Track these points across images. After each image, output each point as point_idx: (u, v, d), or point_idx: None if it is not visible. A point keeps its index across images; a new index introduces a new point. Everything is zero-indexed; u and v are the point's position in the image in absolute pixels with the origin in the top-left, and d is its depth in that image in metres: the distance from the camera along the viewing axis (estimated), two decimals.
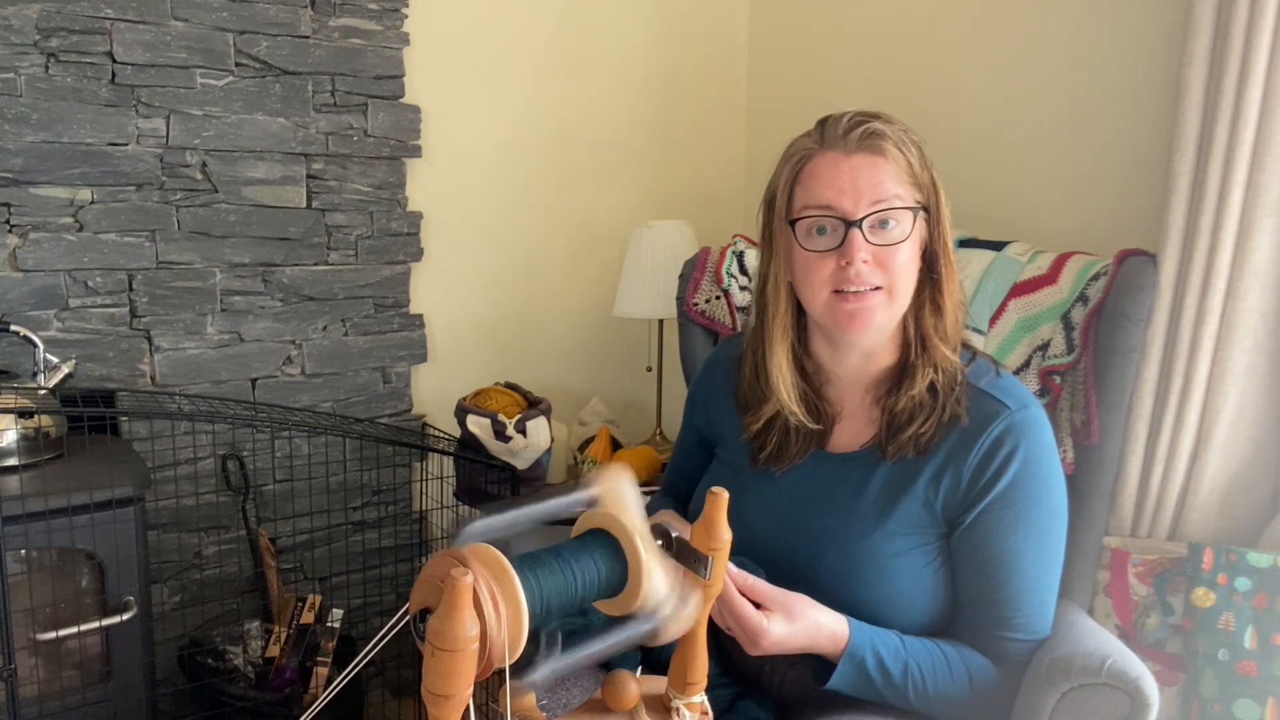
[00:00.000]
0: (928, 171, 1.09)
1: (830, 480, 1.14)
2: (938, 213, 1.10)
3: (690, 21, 2.40)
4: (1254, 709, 1.25)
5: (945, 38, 1.92)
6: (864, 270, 1.05)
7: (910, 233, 1.06)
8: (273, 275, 1.92)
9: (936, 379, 1.10)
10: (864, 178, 1.04)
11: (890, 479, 1.11)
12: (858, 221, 1.04)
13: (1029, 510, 1.08)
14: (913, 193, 1.07)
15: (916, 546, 1.10)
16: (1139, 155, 1.58)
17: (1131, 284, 1.35)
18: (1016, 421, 1.08)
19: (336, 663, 1.82)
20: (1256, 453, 1.37)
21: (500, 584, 0.69)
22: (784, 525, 1.15)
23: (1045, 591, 1.10)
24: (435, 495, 2.11)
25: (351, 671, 0.85)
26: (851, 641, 1.04)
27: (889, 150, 1.05)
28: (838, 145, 1.06)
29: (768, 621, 1.00)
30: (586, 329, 2.38)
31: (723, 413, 1.26)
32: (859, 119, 1.06)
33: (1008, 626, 1.09)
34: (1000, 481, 1.07)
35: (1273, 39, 1.26)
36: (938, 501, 1.09)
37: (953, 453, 1.09)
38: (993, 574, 1.08)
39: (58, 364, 1.60)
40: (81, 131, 1.70)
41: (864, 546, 1.09)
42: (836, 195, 1.05)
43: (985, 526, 1.08)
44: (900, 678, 1.06)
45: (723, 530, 0.87)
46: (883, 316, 1.07)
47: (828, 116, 1.10)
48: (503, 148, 2.19)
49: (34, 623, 1.46)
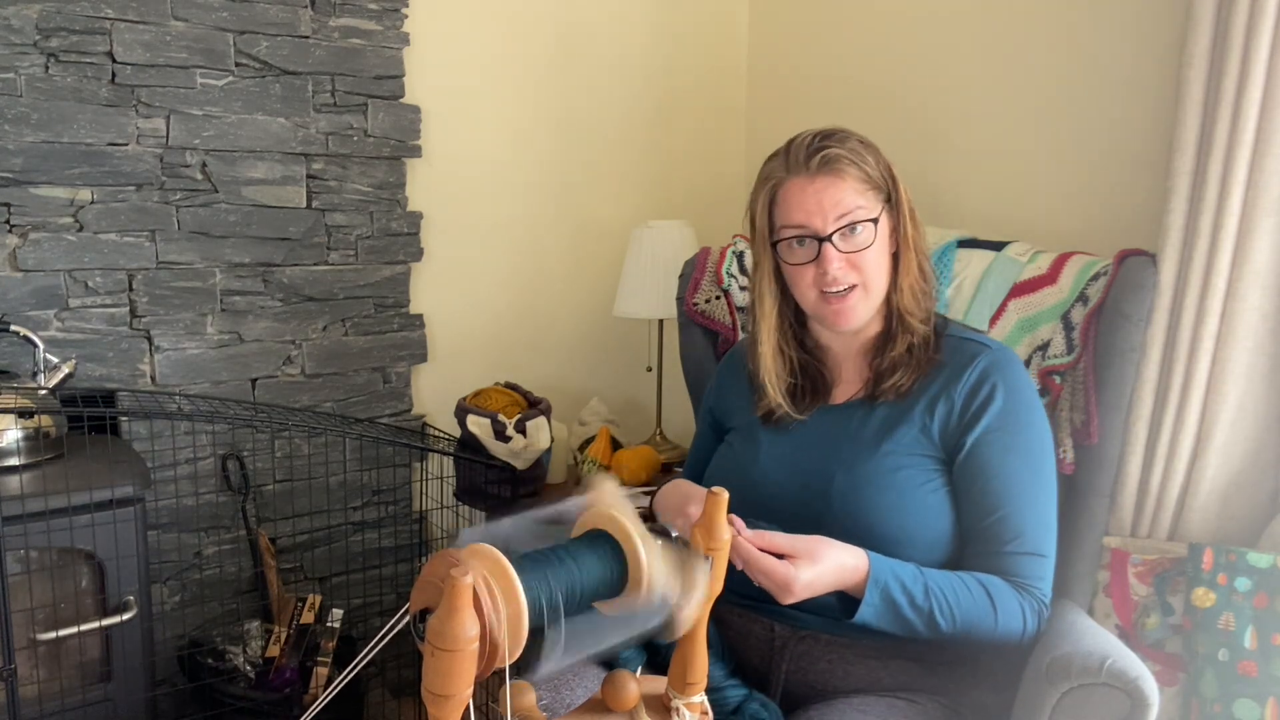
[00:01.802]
0: (883, 169, 1.24)
1: (834, 426, 1.28)
2: (898, 199, 1.25)
3: (690, 21, 2.40)
4: (1254, 709, 1.25)
5: (945, 38, 1.92)
6: (839, 274, 1.21)
7: (875, 237, 1.21)
8: (273, 275, 1.92)
9: (914, 342, 1.26)
10: (828, 198, 1.20)
11: (889, 415, 1.25)
12: (828, 236, 1.20)
13: (1019, 434, 1.20)
14: (873, 197, 1.22)
15: (916, 466, 1.21)
16: (1139, 155, 1.58)
17: (1131, 284, 1.35)
18: (998, 359, 1.24)
19: (336, 663, 1.82)
20: (1256, 453, 1.37)
21: (500, 584, 0.69)
22: (796, 467, 1.27)
23: (1044, 510, 1.20)
24: (435, 495, 2.11)
25: (351, 671, 0.86)
26: (873, 570, 1.10)
27: (845, 169, 1.21)
28: (801, 171, 1.22)
29: (795, 569, 1.06)
30: (586, 329, 2.38)
31: (738, 394, 1.40)
32: (817, 145, 1.22)
33: (1014, 540, 1.16)
34: (990, 408, 1.20)
35: (1273, 39, 1.26)
36: (934, 427, 1.22)
37: (944, 384, 1.23)
38: (994, 493, 1.18)
39: (58, 364, 1.60)
40: (81, 131, 1.70)
41: (868, 466, 1.21)
42: (806, 216, 1.21)
43: (983, 451, 1.19)
44: (924, 599, 1.10)
45: (722, 530, 0.87)
46: (863, 309, 1.24)
47: (791, 140, 1.26)
48: (503, 148, 2.19)
49: (34, 623, 1.46)
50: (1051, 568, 1.19)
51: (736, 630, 1.24)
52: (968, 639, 1.13)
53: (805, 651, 1.19)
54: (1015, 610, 1.13)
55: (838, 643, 1.18)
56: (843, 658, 1.18)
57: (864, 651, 1.18)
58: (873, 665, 1.18)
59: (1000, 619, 1.12)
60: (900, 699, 1.16)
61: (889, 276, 1.25)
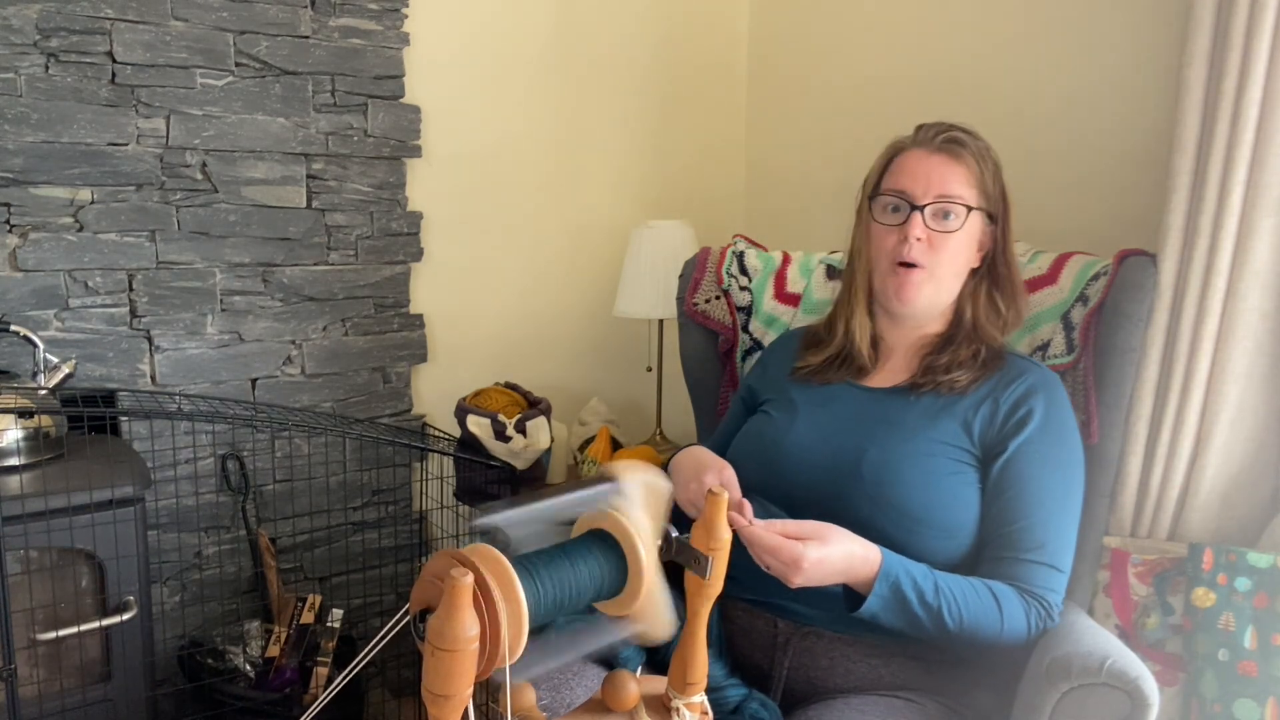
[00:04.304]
0: (999, 186, 1.28)
1: (872, 406, 1.31)
2: (1004, 224, 1.29)
3: (690, 21, 2.40)
4: (1254, 709, 1.25)
5: (945, 38, 1.92)
6: (916, 247, 1.24)
7: (962, 226, 1.25)
8: (273, 275, 1.92)
9: (980, 350, 1.29)
10: (936, 174, 1.25)
11: (932, 405, 1.26)
12: (921, 207, 1.25)
13: (1059, 451, 1.22)
14: (979, 198, 1.26)
15: (950, 456, 1.22)
16: (1139, 155, 1.58)
17: (1131, 284, 1.35)
18: (1047, 378, 1.27)
19: (336, 663, 1.82)
20: (1256, 453, 1.37)
21: (500, 584, 0.69)
22: (829, 440, 1.28)
23: (1068, 528, 1.21)
24: (435, 495, 2.11)
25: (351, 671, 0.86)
26: (885, 564, 1.10)
27: (965, 157, 1.25)
28: (925, 144, 1.28)
29: (803, 547, 1.05)
30: (586, 329, 2.38)
31: (780, 369, 1.44)
32: (948, 126, 1.27)
33: (1033, 549, 1.16)
34: (1033, 419, 1.22)
35: (1273, 39, 1.26)
36: (976, 425, 1.24)
37: (993, 388, 1.26)
38: (1025, 501, 1.18)
39: (58, 364, 1.60)
40: (81, 131, 1.70)
41: (904, 446, 1.23)
42: (910, 182, 1.26)
43: (1023, 459, 1.21)
44: (933, 597, 1.10)
45: (723, 530, 0.87)
46: (926, 291, 1.27)
47: (924, 123, 1.30)
48: (503, 148, 2.19)
49: (34, 623, 1.46)
50: (1065, 583, 1.19)
51: (740, 626, 1.24)
52: (971, 642, 1.12)
53: (808, 648, 1.19)
54: (1020, 617, 1.13)
55: (841, 640, 1.18)
56: (845, 655, 1.18)
57: (866, 649, 1.18)
58: (875, 663, 1.18)
59: (1005, 624, 1.12)
60: (900, 698, 1.16)
61: (962, 282, 1.29)
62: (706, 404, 1.82)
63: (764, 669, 1.22)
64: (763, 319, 1.74)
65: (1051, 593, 1.16)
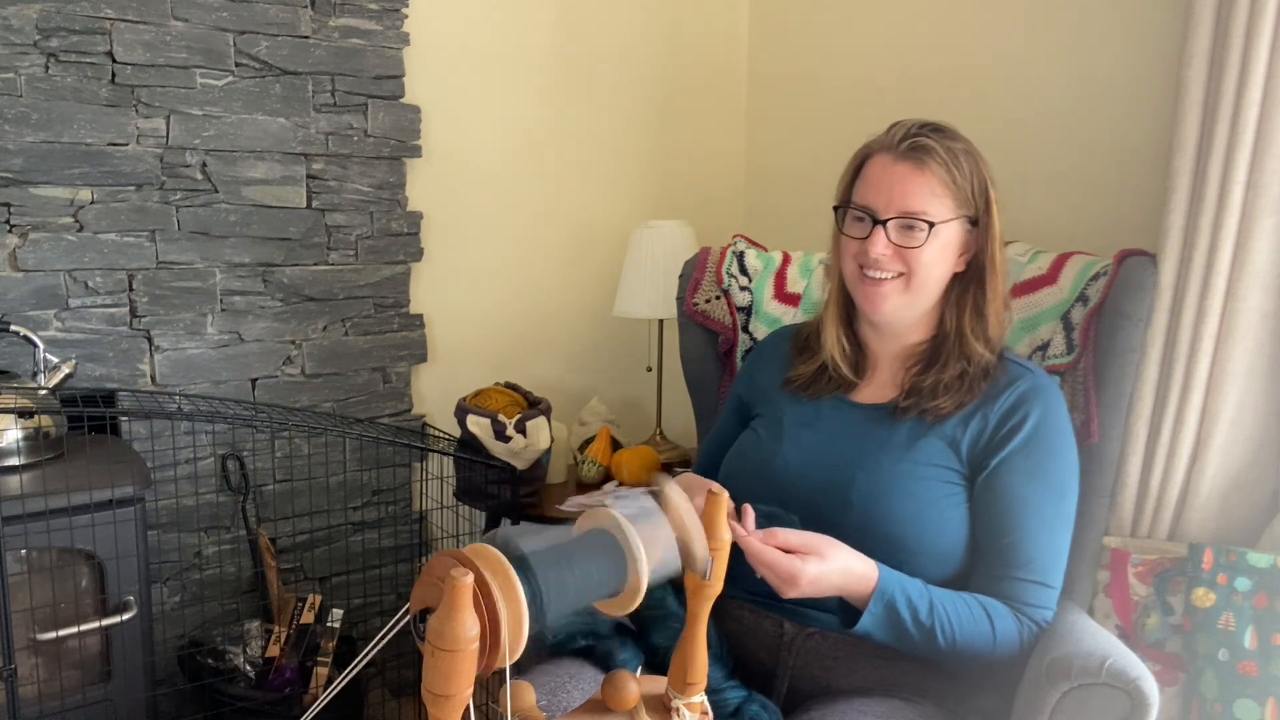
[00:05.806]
0: (977, 186, 1.22)
1: (860, 424, 1.28)
2: (987, 225, 1.23)
3: (690, 21, 2.40)
4: (1254, 709, 1.25)
5: (945, 38, 1.92)
6: (882, 260, 1.21)
7: (926, 241, 1.19)
8: (273, 275, 1.92)
9: (967, 369, 1.24)
10: (899, 188, 1.20)
11: (919, 423, 1.23)
12: (883, 222, 1.21)
13: (1046, 462, 1.19)
14: (950, 206, 1.20)
15: (939, 478, 1.20)
16: (1139, 155, 1.58)
17: (1131, 284, 1.35)
18: (1038, 384, 1.23)
19: (336, 663, 1.82)
20: (1256, 453, 1.37)
21: (500, 584, 0.69)
22: (818, 463, 1.26)
23: (1058, 542, 1.19)
24: (435, 495, 2.11)
25: (351, 671, 0.85)
26: (881, 581, 1.10)
27: (931, 165, 1.19)
28: (890, 150, 1.22)
29: (801, 562, 1.06)
30: (586, 329, 2.38)
31: (769, 376, 1.41)
32: (914, 131, 1.21)
33: (1022, 566, 1.15)
34: (1021, 431, 1.19)
35: (1273, 39, 1.26)
36: (964, 443, 1.21)
37: (981, 403, 1.22)
38: (1010, 516, 1.17)
39: (58, 364, 1.60)
40: (81, 131, 1.70)
41: (892, 472, 1.20)
42: (874, 196, 1.22)
43: (1006, 473, 1.18)
44: (927, 616, 1.10)
45: (722, 530, 0.87)
46: (898, 302, 1.23)
47: (898, 121, 1.24)
48: (502, 148, 2.19)
49: (34, 622, 1.46)
50: (1056, 598, 1.18)
51: (746, 626, 1.24)
52: (961, 659, 1.13)
53: (813, 649, 1.19)
54: (1013, 635, 1.14)
55: (845, 641, 1.18)
56: (849, 656, 1.18)
57: (870, 651, 1.18)
58: (878, 664, 1.18)
59: (998, 642, 1.13)
60: (902, 699, 1.17)
61: (942, 289, 1.25)
62: (706, 404, 1.82)
63: (768, 668, 1.22)
64: (763, 319, 1.74)
65: (1042, 610, 1.16)
